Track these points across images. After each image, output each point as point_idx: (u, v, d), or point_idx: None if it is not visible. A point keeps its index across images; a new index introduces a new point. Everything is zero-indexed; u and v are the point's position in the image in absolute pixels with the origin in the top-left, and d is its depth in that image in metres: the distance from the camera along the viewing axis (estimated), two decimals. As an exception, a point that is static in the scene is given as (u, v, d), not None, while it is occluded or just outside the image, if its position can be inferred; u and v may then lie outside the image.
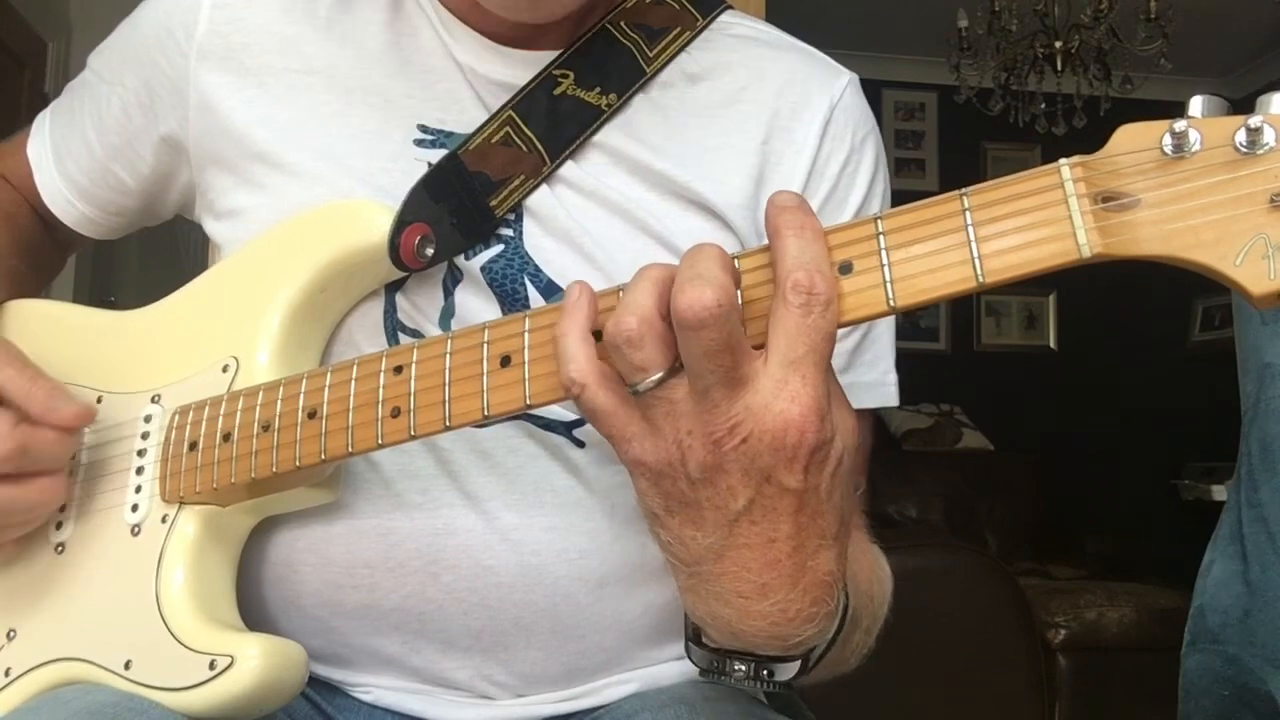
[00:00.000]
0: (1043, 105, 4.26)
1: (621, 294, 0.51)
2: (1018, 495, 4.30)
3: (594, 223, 0.76)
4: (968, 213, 0.49)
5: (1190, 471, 4.69)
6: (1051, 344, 5.13)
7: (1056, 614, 3.10)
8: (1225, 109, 0.47)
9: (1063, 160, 0.48)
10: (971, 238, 0.49)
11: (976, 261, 0.48)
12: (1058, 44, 3.95)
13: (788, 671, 0.55)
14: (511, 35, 0.79)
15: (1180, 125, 0.46)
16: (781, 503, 0.49)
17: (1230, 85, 5.13)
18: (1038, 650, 2.61)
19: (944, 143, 5.12)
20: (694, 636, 0.57)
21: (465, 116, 0.79)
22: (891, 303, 0.49)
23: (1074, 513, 4.46)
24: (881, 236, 0.50)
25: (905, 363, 0.84)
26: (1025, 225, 0.48)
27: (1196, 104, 0.47)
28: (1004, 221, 0.48)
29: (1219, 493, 4.18)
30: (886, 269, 0.50)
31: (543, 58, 0.80)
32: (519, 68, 0.79)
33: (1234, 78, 5.14)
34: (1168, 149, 0.46)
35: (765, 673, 0.55)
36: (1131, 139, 0.47)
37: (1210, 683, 1.13)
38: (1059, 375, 4.99)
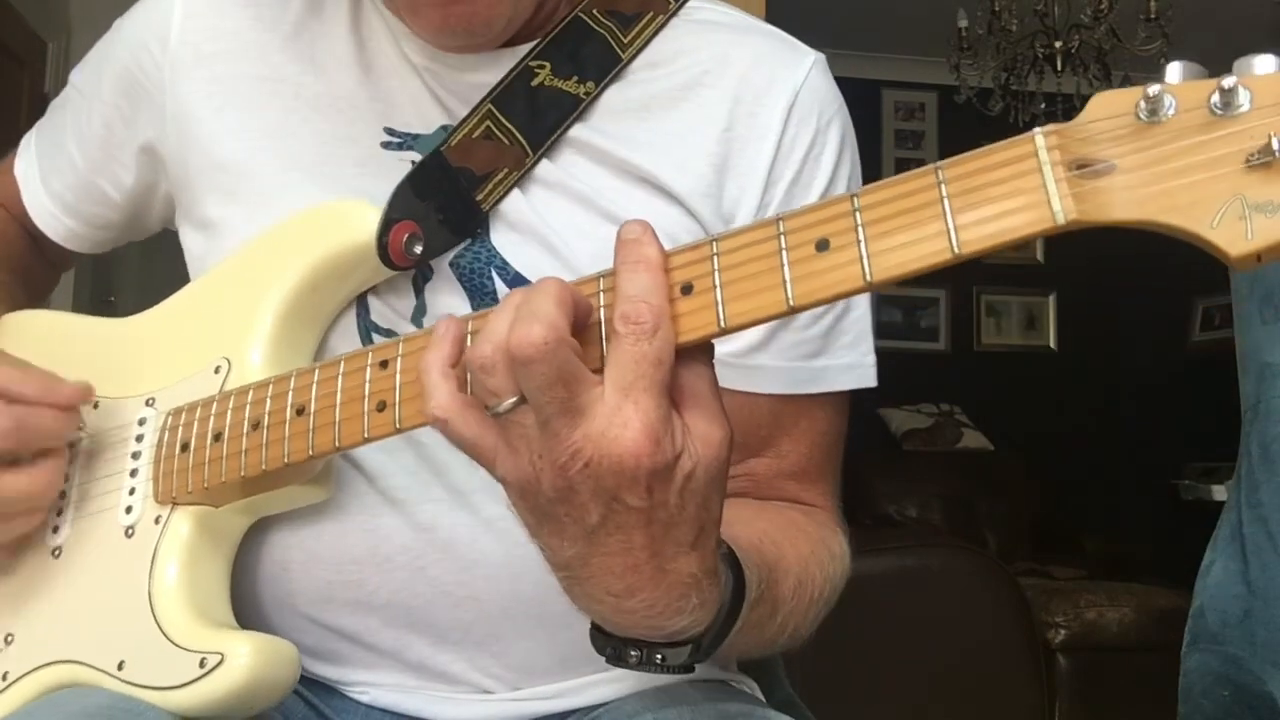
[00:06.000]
0: (1043, 105, 4.26)
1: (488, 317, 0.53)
2: (1018, 495, 4.30)
3: (558, 215, 0.77)
4: (942, 185, 0.49)
5: (1190, 471, 4.69)
6: (1051, 344, 5.13)
7: (1056, 614, 3.10)
8: (1202, 74, 0.46)
9: (1037, 129, 0.48)
10: (947, 210, 0.48)
11: (952, 233, 0.48)
12: (1058, 44, 3.95)
13: (679, 656, 0.58)
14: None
15: (1154, 90, 0.45)
16: (630, 519, 0.52)
17: (1230, 85, 5.12)
18: (1038, 650, 2.61)
19: (944, 143, 5.12)
20: (595, 624, 0.59)
21: (426, 118, 0.80)
22: (869, 278, 0.49)
23: (1074, 513, 4.46)
24: (858, 213, 0.50)
25: (905, 363, 0.85)
26: (1000, 195, 0.47)
27: (1174, 70, 0.47)
28: (979, 193, 0.48)
29: (1219, 493, 4.18)
30: (863, 244, 0.50)
31: (504, 55, 0.80)
32: (481, 67, 0.80)
33: (1234, 77, 5.14)
34: (1142, 114, 0.46)
35: (658, 658, 0.58)
36: (1106, 105, 0.47)
37: (1210, 683, 1.13)
38: (1059, 375, 4.99)
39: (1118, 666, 3.03)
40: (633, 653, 0.58)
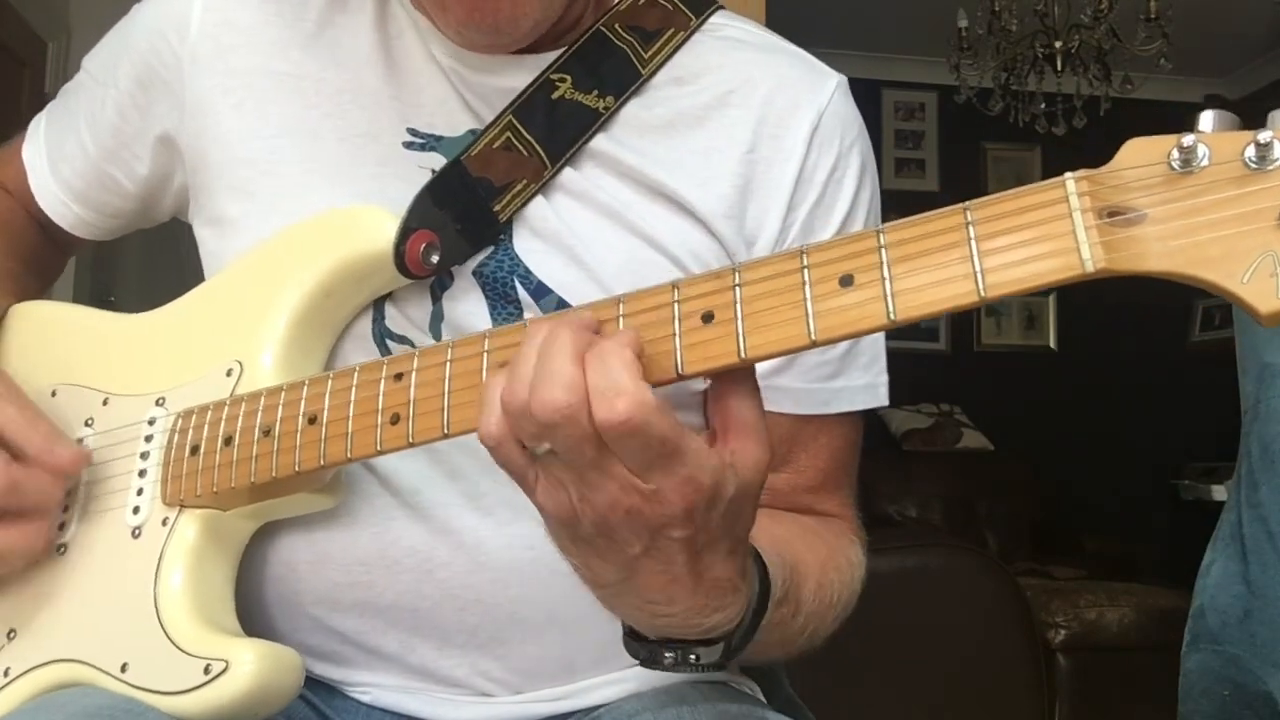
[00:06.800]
0: (1043, 105, 4.26)
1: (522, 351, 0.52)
2: (1018, 495, 4.30)
3: (584, 226, 0.77)
4: (970, 226, 0.48)
5: (1190, 471, 4.69)
6: (1051, 344, 5.13)
7: (1056, 614, 3.10)
8: (1235, 124, 0.46)
9: (1068, 174, 0.47)
10: (974, 251, 0.48)
11: (979, 275, 0.48)
12: (1058, 44, 3.94)
13: (712, 654, 0.59)
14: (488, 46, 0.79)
15: (1188, 140, 0.45)
16: (673, 546, 0.53)
17: (1230, 85, 5.13)
18: (1038, 650, 2.60)
19: (944, 143, 5.12)
20: (628, 630, 0.60)
21: (453, 120, 0.79)
22: (892, 316, 0.49)
23: (1074, 513, 4.46)
24: (884, 250, 0.50)
25: (905, 363, 0.85)
26: (1029, 239, 0.47)
27: (1206, 119, 0.46)
28: (1007, 235, 0.48)
29: (1219, 493, 4.18)
30: (887, 282, 0.49)
31: (529, 61, 0.79)
32: (507, 72, 0.79)
33: (1234, 78, 5.14)
34: (1175, 164, 0.45)
35: (692, 657, 0.59)
36: (1138, 153, 0.47)
37: (1210, 683, 1.13)
38: (1059, 375, 4.99)
39: (1118, 666, 3.03)
40: (667, 655, 0.59)
